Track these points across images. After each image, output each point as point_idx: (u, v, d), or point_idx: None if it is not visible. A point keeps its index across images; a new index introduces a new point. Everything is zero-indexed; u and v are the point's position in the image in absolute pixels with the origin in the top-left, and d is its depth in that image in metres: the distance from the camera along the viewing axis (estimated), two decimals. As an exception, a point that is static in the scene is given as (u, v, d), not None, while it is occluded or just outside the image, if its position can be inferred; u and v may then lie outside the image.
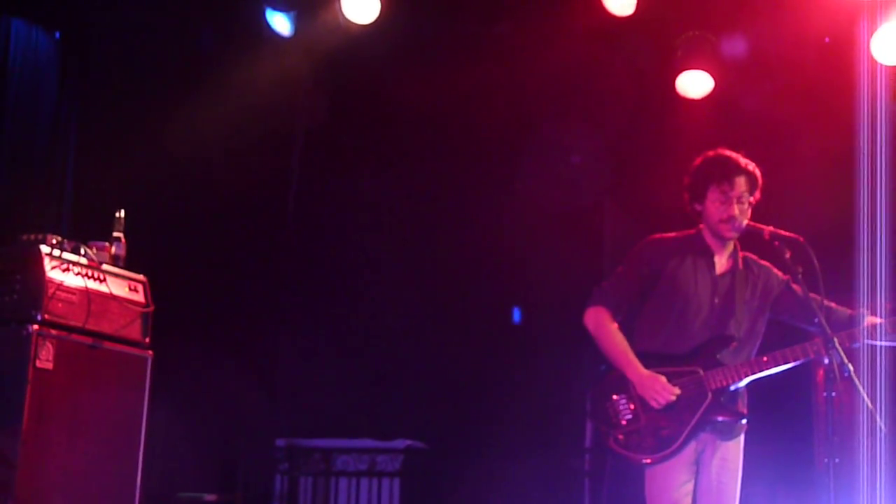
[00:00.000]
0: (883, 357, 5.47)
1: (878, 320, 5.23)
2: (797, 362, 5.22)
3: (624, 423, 5.26)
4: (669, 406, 5.21)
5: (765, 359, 5.24)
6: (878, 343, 5.22)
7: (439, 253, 9.08)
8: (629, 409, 5.27)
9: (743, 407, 5.33)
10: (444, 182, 8.95)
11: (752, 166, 5.37)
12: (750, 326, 5.37)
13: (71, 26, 8.01)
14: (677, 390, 5.21)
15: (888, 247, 7.03)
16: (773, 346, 5.32)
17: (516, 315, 9.30)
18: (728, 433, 5.31)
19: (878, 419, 5.74)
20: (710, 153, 5.46)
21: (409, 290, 9.09)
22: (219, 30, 8.20)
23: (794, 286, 5.35)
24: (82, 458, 5.71)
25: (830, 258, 5.09)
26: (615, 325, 5.37)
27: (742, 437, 5.37)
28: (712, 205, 5.35)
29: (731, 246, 5.45)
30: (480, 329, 8.99)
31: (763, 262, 5.50)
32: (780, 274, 5.45)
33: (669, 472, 5.23)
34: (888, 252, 7.01)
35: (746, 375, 5.24)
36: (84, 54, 8.06)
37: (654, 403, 5.21)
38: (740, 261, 5.45)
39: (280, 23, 8.04)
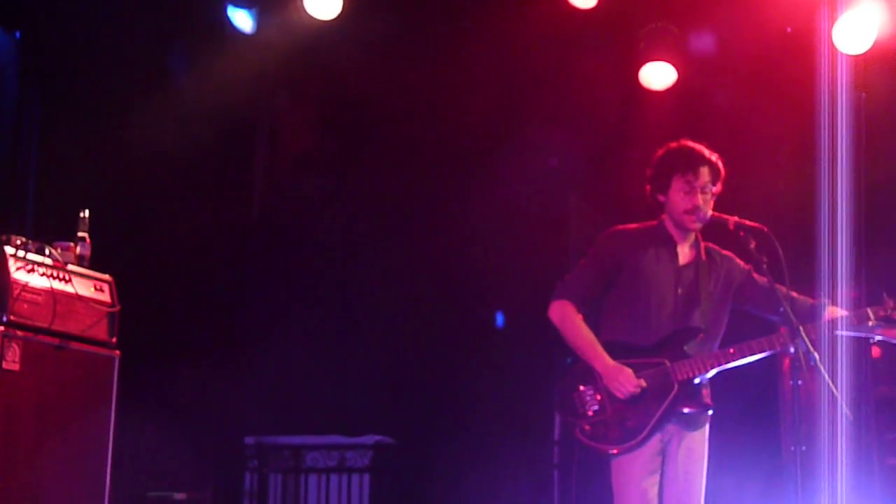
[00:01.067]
0: (844, 346, 5.51)
1: (840, 312, 5.26)
2: (764, 353, 5.25)
3: (591, 413, 5.29)
4: (636, 397, 5.23)
5: (731, 350, 5.27)
6: (841, 334, 5.25)
7: (406, 250, 9.07)
8: (596, 399, 5.29)
9: (708, 398, 5.37)
10: (409, 179, 8.95)
11: (715, 157, 5.40)
12: (714, 317, 5.40)
13: (31, 26, 7.96)
14: (643, 382, 5.23)
15: (848, 236, 7.08)
16: (739, 338, 5.35)
17: (499, 319, 9.31)
18: (694, 424, 5.34)
19: (843, 406, 5.79)
20: (674, 144, 5.48)
21: (376, 286, 9.09)
22: (180, 27, 8.16)
23: (757, 276, 5.39)
24: (50, 459, 5.68)
25: (792, 248, 5.12)
26: (580, 318, 5.39)
27: (707, 427, 5.40)
28: (676, 195, 5.37)
29: (692, 237, 5.47)
30: (448, 324, 8.99)
31: (725, 252, 5.53)
32: (742, 263, 5.49)
33: (635, 462, 5.26)
34: (848, 241, 7.07)
35: (713, 367, 5.26)
36: (45, 54, 8.01)
37: (619, 395, 5.24)
38: (703, 251, 5.47)
39: (242, 19, 8.01)
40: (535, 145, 8.83)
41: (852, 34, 7.46)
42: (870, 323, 5.26)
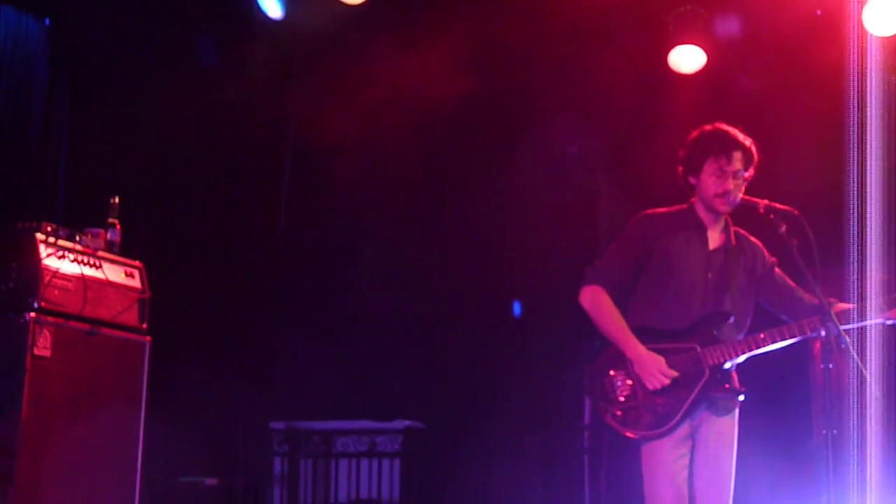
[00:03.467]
0: (873, 329, 5.48)
1: (847, 306, 5.24)
2: (794, 339, 5.22)
3: (622, 399, 5.27)
4: (665, 385, 5.21)
5: (762, 335, 5.23)
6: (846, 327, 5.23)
7: (435, 238, 9.08)
8: (627, 385, 5.27)
9: (737, 382, 5.34)
10: (437, 168, 8.94)
11: (749, 142, 5.36)
12: (743, 302, 5.38)
13: (60, 13, 8.00)
14: (674, 373, 5.20)
15: (878, 219, 7.04)
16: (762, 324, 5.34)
17: (516, 309, 9.30)
18: (724, 409, 5.32)
19: (873, 389, 5.76)
20: (708, 127, 5.43)
21: (407, 272, 9.09)
22: (209, 14, 8.17)
23: (779, 272, 5.43)
24: (82, 445, 5.73)
25: (821, 231, 5.10)
26: (611, 303, 5.37)
27: (736, 412, 5.38)
28: (708, 178, 5.34)
29: (723, 221, 5.44)
30: (479, 310, 8.99)
31: (754, 241, 5.51)
32: (767, 255, 5.48)
33: (666, 447, 5.23)
34: (878, 224, 7.03)
35: (744, 352, 5.23)
36: (75, 40, 8.05)
37: (650, 385, 5.21)
38: (732, 236, 5.45)
39: (271, 6, 8.02)
40: (565, 130, 8.81)
41: (882, 16, 7.41)
42: None
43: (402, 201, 9.10)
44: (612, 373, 5.30)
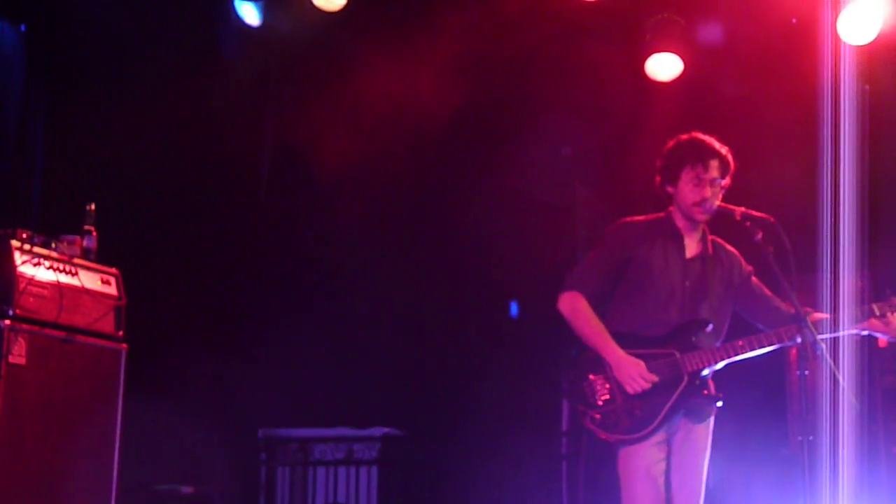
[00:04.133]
0: (846, 339, 5.52)
1: (822, 315, 5.28)
2: (772, 347, 5.26)
3: (600, 403, 5.29)
4: (646, 389, 5.24)
5: (740, 343, 5.27)
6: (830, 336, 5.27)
7: (413, 242, 9.08)
8: (605, 389, 5.29)
9: (713, 389, 5.37)
10: (416, 168, 8.94)
11: (725, 150, 5.40)
12: (720, 310, 5.41)
13: (36, 18, 7.97)
14: (655, 377, 5.23)
15: (852, 226, 7.08)
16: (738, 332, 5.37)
17: (513, 309, 9.31)
18: (701, 415, 5.36)
19: (849, 396, 5.79)
20: (685, 136, 5.47)
21: (383, 279, 9.08)
22: (187, 20, 8.16)
23: (756, 281, 5.48)
24: (58, 453, 5.70)
25: (797, 238, 5.12)
26: (590, 308, 5.39)
27: (711, 420, 5.41)
28: (685, 186, 5.37)
29: (700, 229, 5.47)
30: (456, 316, 8.99)
31: (731, 250, 5.55)
32: (744, 264, 5.52)
33: (644, 451, 5.26)
34: (852, 231, 7.07)
35: (722, 359, 5.27)
36: (51, 46, 8.02)
37: (630, 389, 5.23)
38: (710, 245, 5.48)
39: (248, 12, 8.02)
40: (542, 136, 8.83)
41: (856, 25, 7.46)
42: (875, 317, 5.28)
43: (382, 208, 9.10)
44: (591, 377, 5.32)
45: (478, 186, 8.92)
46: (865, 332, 5.37)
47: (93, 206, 6.24)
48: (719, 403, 5.34)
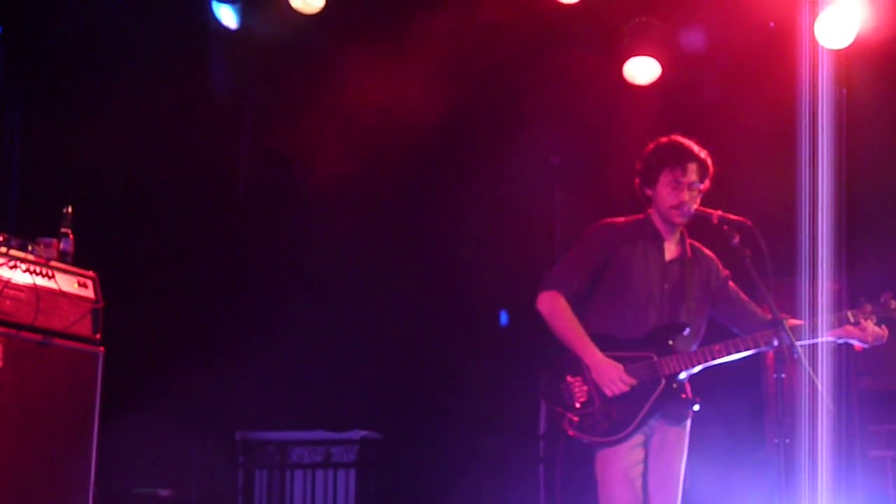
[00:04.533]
0: (824, 342, 5.55)
1: (798, 322, 5.30)
2: (749, 351, 5.28)
3: (578, 405, 5.29)
4: (624, 392, 5.24)
5: (717, 347, 5.29)
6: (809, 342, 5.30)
7: (392, 247, 9.08)
8: (583, 391, 5.29)
9: (690, 392, 5.38)
10: (397, 176, 8.94)
11: (704, 154, 5.42)
12: (698, 314, 5.43)
13: (14, 21, 7.93)
14: (633, 380, 5.24)
15: (830, 230, 7.12)
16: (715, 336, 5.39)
17: (503, 318, 9.31)
18: (678, 418, 5.37)
19: (825, 399, 5.81)
20: (664, 139, 5.49)
21: (361, 282, 9.08)
22: (164, 23, 8.14)
23: (732, 285, 5.52)
24: (34, 457, 5.67)
25: (774, 241, 5.14)
26: (569, 309, 5.39)
27: (688, 422, 5.43)
28: (664, 189, 5.39)
29: (678, 232, 5.49)
30: (434, 320, 9.00)
31: (709, 253, 5.57)
32: (721, 268, 5.54)
33: (621, 453, 5.27)
34: (830, 235, 7.10)
35: (700, 363, 5.28)
36: (28, 48, 7.98)
37: (608, 392, 5.24)
38: (688, 248, 5.50)
39: (226, 15, 8.01)
40: (523, 142, 8.84)
41: (834, 29, 7.49)
42: (850, 324, 5.31)
43: (362, 212, 9.09)
44: (568, 379, 5.32)
45: (454, 192, 8.93)
46: (841, 340, 5.40)
47: (70, 209, 6.20)
48: (696, 407, 5.36)
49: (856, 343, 5.42)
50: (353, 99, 8.51)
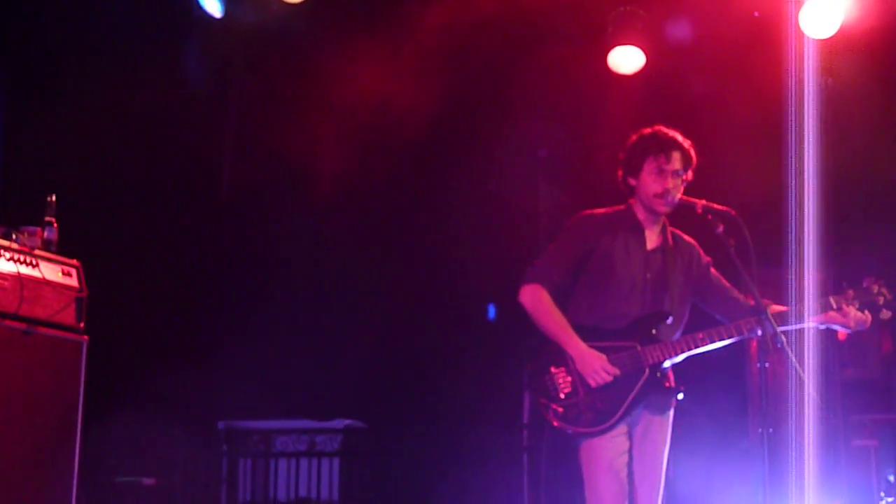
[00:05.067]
0: (808, 331, 5.57)
1: (782, 308, 5.32)
2: (732, 339, 5.29)
3: (562, 396, 5.29)
4: (608, 382, 5.25)
5: (701, 335, 5.29)
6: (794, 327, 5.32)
7: (377, 237, 9.07)
8: (567, 381, 5.29)
9: (674, 381, 5.40)
10: (382, 166, 8.93)
11: (688, 144, 5.42)
12: (680, 302, 5.44)
13: (-3, 8, 7.91)
14: (617, 370, 5.24)
15: (815, 219, 7.13)
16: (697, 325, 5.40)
17: (491, 312, 9.32)
18: (662, 407, 5.38)
19: (809, 388, 5.83)
20: (648, 129, 5.49)
21: (345, 271, 9.08)
22: (148, 12, 8.11)
23: (714, 272, 5.53)
24: (18, 446, 5.66)
25: (759, 231, 5.15)
26: (552, 301, 5.39)
27: (672, 411, 5.44)
28: (648, 177, 5.39)
29: (660, 221, 5.49)
30: (418, 309, 9.00)
31: (689, 240, 5.57)
32: (702, 255, 5.55)
33: (606, 444, 5.27)
34: (815, 224, 7.12)
35: (683, 351, 5.28)
36: (10, 36, 7.95)
37: (592, 382, 5.24)
38: (670, 237, 5.50)
39: (210, 3, 7.98)
40: (505, 133, 8.84)
41: (818, 19, 7.51)
42: (832, 310, 5.33)
43: (346, 202, 9.09)
44: (552, 370, 5.32)
45: (439, 184, 8.93)
46: (824, 326, 5.42)
47: (54, 198, 6.19)
48: (680, 396, 5.37)
49: (840, 329, 5.45)
50: (338, 91, 8.50)
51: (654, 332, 5.32)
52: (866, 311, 5.35)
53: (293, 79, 8.71)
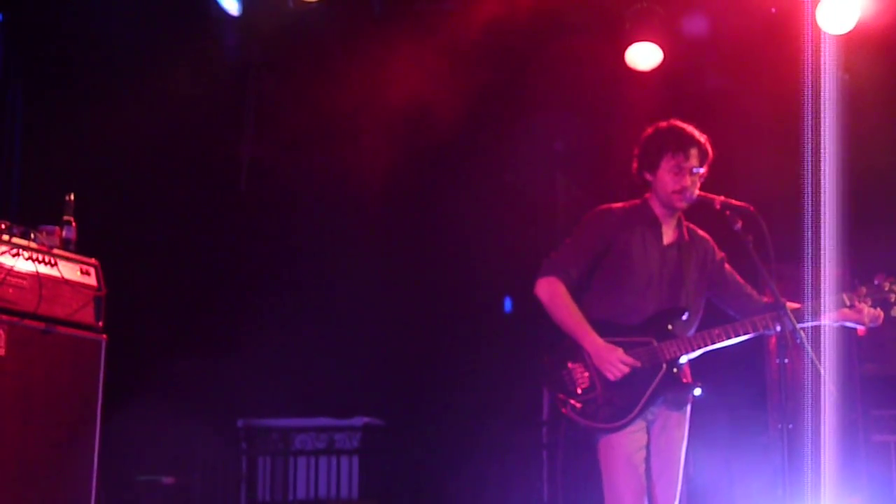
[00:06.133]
0: (827, 328, 5.56)
1: (796, 305, 5.31)
2: (749, 335, 5.28)
3: (580, 391, 5.28)
4: (625, 375, 5.24)
5: (717, 331, 5.28)
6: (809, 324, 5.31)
7: (394, 235, 9.08)
8: (585, 377, 5.28)
9: (690, 377, 5.39)
10: (392, 160, 8.93)
11: (704, 139, 5.41)
12: (696, 298, 5.43)
13: (15, 9, 7.93)
14: (634, 361, 5.23)
15: (832, 215, 7.11)
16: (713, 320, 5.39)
17: (507, 305, 9.31)
18: (679, 403, 5.37)
19: (828, 384, 5.81)
20: (664, 124, 5.47)
21: (364, 270, 9.08)
22: (165, 10, 8.13)
23: (728, 267, 5.54)
24: (37, 445, 5.68)
25: (777, 227, 5.14)
26: (568, 295, 5.38)
27: (688, 408, 5.43)
28: (665, 175, 5.37)
29: (676, 216, 5.48)
30: (437, 307, 9.00)
31: (703, 234, 5.56)
32: (717, 249, 5.54)
33: (624, 439, 5.26)
34: (833, 220, 7.10)
35: (699, 347, 5.27)
36: (30, 36, 7.98)
37: (610, 375, 5.23)
38: (685, 232, 5.49)
39: (228, 1, 8.00)
40: (523, 127, 8.84)
41: (836, 14, 7.49)
42: (845, 307, 5.33)
43: (363, 200, 9.09)
44: (570, 365, 5.32)
45: (455, 179, 8.92)
46: (838, 324, 5.41)
47: (72, 197, 6.20)
48: (697, 391, 5.35)
49: (857, 326, 5.44)
50: (355, 87, 8.51)
51: (670, 327, 5.30)
52: (878, 308, 5.35)
53: (310, 76, 8.71)
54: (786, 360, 4.89)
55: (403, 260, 9.02)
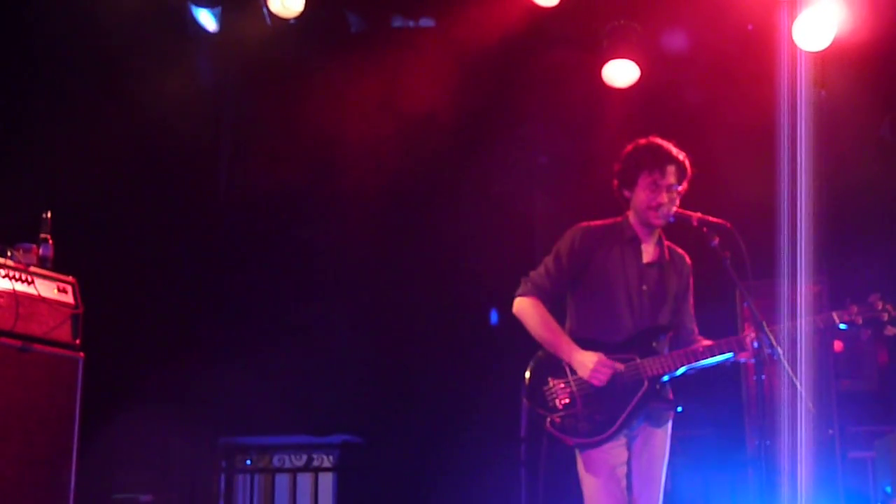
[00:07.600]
0: (805, 340, 5.58)
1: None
2: (731, 354, 5.29)
3: (560, 407, 5.29)
4: (607, 391, 5.24)
5: (701, 349, 5.30)
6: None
7: (370, 248, 9.06)
8: (566, 392, 5.29)
9: (673, 395, 5.40)
10: (375, 175, 8.94)
11: (682, 156, 5.43)
12: (678, 316, 5.44)
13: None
14: (619, 365, 5.24)
15: (809, 231, 7.15)
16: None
17: (493, 317, 9.31)
18: (659, 420, 5.38)
19: (805, 400, 5.83)
20: (643, 140, 5.49)
21: (341, 285, 9.07)
22: (143, 27, 8.12)
23: (690, 296, 5.49)
24: (14, 464, 5.65)
25: (754, 243, 5.16)
26: (546, 311, 5.39)
27: (669, 425, 5.44)
28: (643, 192, 5.39)
29: (656, 234, 5.50)
30: (413, 322, 8.99)
31: (681, 253, 5.58)
32: (690, 273, 5.55)
33: (605, 454, 5.27)
34: (809, 236, 7.13)
35: (682, 365, 5.28)
36: (5, 51, 7.95)
37: (595, 381, 5.23)
38: (666, 251, 5.51)
39: (206, 19, 8.00)
40: (503, 142, 8.85)
41: (812, 32, 7.53)
42: (836, 327, 5.34)
43: (344, 217, 9.08)
44: (551, 381, 5.32)
45: (436, 195, 8.92)
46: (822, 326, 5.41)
47: (49, 214, 6.19)
48: (679, 409, 5.37)
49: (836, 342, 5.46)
50: (334, 104, 8.51)
51: (654, 344, 5.32)
52: (869, 327, 5.35)
53: (289, 91, 8.71)
54: (763, 377, 4.91)
55: (382, 277, 9.01)
